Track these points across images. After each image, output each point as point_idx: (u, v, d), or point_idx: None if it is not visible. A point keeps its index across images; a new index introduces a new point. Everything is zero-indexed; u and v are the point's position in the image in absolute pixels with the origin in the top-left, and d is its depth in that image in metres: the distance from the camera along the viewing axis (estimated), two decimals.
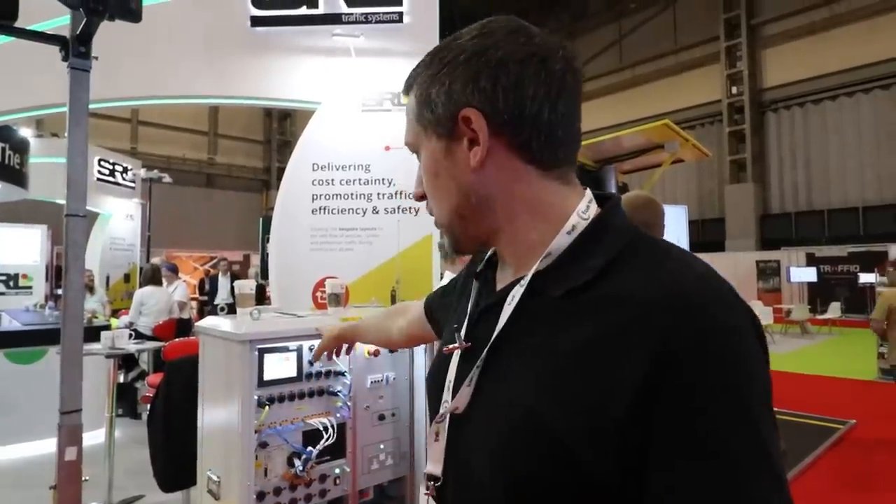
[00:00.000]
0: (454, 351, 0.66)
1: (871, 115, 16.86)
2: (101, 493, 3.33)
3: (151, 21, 2.51)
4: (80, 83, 2.10)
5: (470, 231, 0.65)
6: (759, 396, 0.47)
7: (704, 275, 0.52)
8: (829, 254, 16.37)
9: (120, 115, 19.46)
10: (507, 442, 0.54)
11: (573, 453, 0.49)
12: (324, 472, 1.97)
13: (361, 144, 3.67)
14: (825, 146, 17.70)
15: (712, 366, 0.46)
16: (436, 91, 0.61)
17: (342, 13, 3.70)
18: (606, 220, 0.59)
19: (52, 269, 10.17)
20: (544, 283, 0.58)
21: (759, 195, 18.76)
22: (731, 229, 18.95)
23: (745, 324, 0.50)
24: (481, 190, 0.61)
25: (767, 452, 0.45)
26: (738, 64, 18.90)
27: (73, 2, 1.99)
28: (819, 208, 17.91)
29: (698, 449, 0.45)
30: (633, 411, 0.46)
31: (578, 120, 0.62)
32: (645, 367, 0.47)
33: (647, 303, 0.50)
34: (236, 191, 22.84)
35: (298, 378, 1.96)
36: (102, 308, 7.46)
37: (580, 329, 0.52)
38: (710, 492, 0.44)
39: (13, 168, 7.35)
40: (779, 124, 18.80)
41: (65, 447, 1.96)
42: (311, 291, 3.53)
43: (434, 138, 0.63)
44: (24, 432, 4.28)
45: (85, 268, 6.06)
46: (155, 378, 4.15)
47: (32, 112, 3.77)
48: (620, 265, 0.54)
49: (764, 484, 0.45)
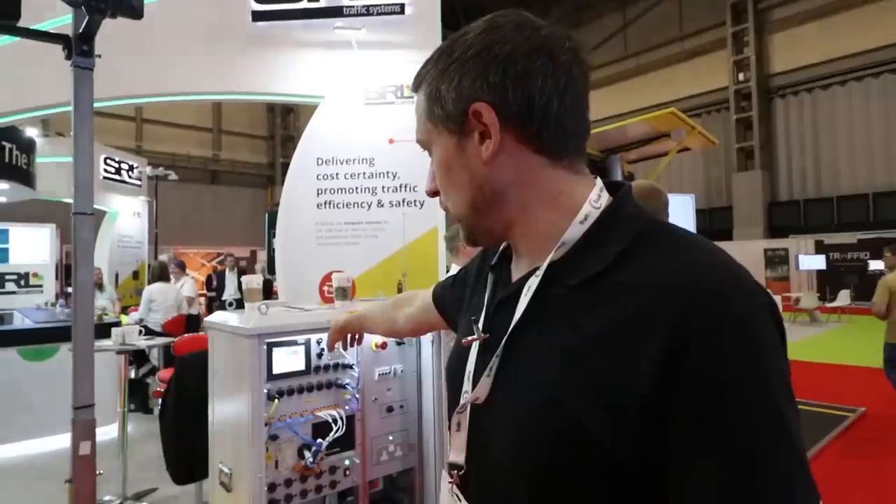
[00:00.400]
0: (473, 342, 0.67)
1: (881, 100, 16.62)
2: (116, 487, 3.37)
3: (153, 18, 2.52)
4: (83, 81, 2.10)
5: (486, 223, 0.65)
6: (776, 380, 0.47)
7: (718, 260, 0.52)
8: (838, 241, 16.23)
9: (124, 114, 19.54)
10: (528, 428, 0.55)
11: (593, 437, 0.49)
12: (333, 464, 1.99)
13: (365, 138, 3.67)
14: (834, 132, 17.50)
15: (727, 352, 0.46)
16: (445, 87, 0.61)
17: (343, 6, 3.69)
18: (618, 209, 0.60)
19: (62, 268, 10.26)
20: (559, 272, 0.58)
21: (766, 183, 18.59)
22: (739, 217, 18.81)
23: (761, 310, 0.49)
24: (494, 182, 0.61)
25: (788, 433, 0.46)
26: (745, 50, 18.66)
27: (74, 0, 2.00)
28: (828, 195, 17.72)
29: (717, 433, 0.46)
30: (651, 396, 0.47)
31: (587, 110, 0.63)
32: (661, 354, 0.47)
33: (660, 290, 0.50)
34: (241, 187, 22.89)
35: (307, 371, 1.97)
36: (112, 305, 7.53)
37: (596, 317, 0.53)
38: (730, 473, 0.45)
39: (20, 168, 7.40)
40: (787, 111, 18.59)
41: (79, 442, 1.99)
42: (318, 286, 3.55)
43: (446, 134, 0.63)
44: (39, 428, 4.34)
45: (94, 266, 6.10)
46: (166, 373, 4.19)
47: (38, 112, 3.78)
48: (634, 253, 0.55)
49: (783, 464, 0.45)
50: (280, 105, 21.78)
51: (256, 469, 1.76)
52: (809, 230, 17.44)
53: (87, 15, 2.02)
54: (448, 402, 0.76)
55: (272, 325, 1.83)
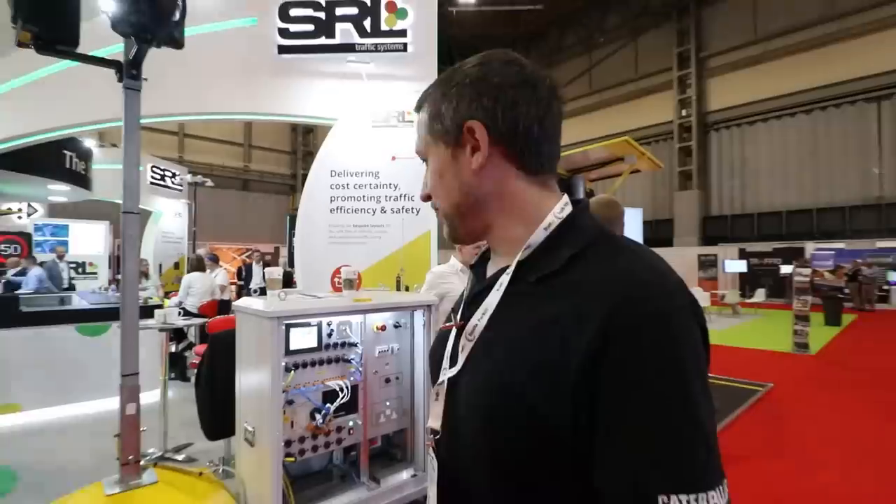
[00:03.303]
0: (451, 329, 0.67)
1: (795, 136, 16.89)
2: (158, 441, 3.34)
3: (195, 50, 2.49)
4: (132, 101, 2.08)
5: (468, 225, 0.65)
6: (690, 368, 0.46)
7: (649, 267, 0.52)
8: (757, 249, 16.44)
9: (169, 129, 19.24)
10: (487, 402, 0.55)
11: (537, 411, 0.49)
12: (340, 425, 1.99)
13: (372, 155, 3.66)
14: (757, 160, 17.73)
15: (644, 344, 0.46)
16: (445, 107, 0.61)
17: (355, 43, 3.68)
18: (574, 220, 0.60)
19: (114, 259, 10.11)
20: (523, 271, 0.58)
21: (701, 200, 18.79)
22: (679, 228, 19.00)
23: (680, 310, 0.49)
24: (479, 190, 0.61)
25: (695, 413, 0.45)
26: (688, 90, 18.85)
27: (125, 31, 1.97)
28: (750, 212, 17.95)
29: (634, 411, 0.45)
30: (583, 378, 0.47)
31: (559, 137, 0.63)
32: (592, 343, 0.47)
33: (598, 290, 0.50)
34: (267, 193, 22.66)
35: (319, 348, 1.97)
36: (156, 291, 7.43)
37: (546, 309, 0.53)
38: (639, 441, 0.44)
39: (79, 173, 7.29)
40: (720, 142, 18.79)
41: (125, 403, 1.98)
42: (330, 277, 3.54)
43: (442, 146, 0.63)
44: (93, 392, 4.28)
45: (140, 257, 6.03)
46: (201, 348, 4.15)
47: (93, 126, 3.73)
48: (583, 257, 0.54)
49: (693, 439, 0.44)
50: (301, 125, 21.59)
51: (275, 428, 1.76)
52: (735, 240, 17.65)
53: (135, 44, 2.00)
54: (431, 377, 0.76)
55: (290, 309, 1.83)
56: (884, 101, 15.16)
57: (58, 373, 4.20)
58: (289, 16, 3.71)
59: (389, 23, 3.67)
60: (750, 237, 17.52)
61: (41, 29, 1.82)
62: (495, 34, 20.49)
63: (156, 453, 3.27)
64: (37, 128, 3.63)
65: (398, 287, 3.27)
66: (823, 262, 14.64)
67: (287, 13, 3.71)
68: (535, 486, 0.51)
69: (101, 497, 1.79)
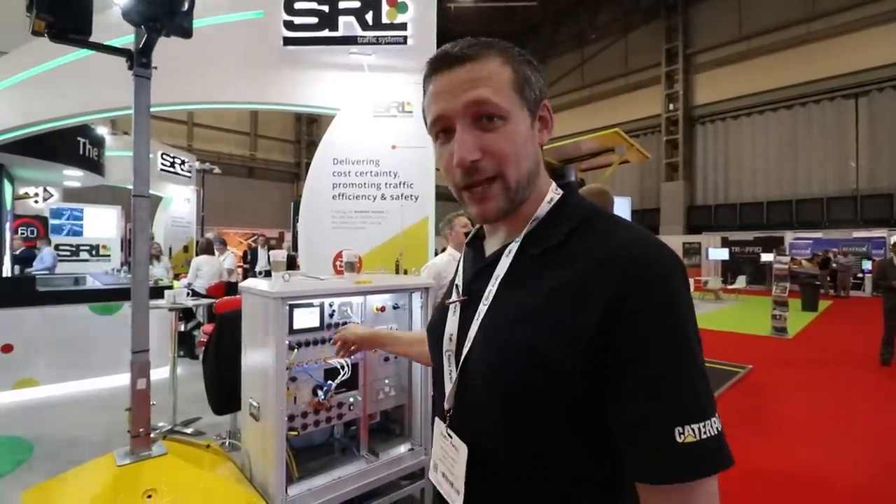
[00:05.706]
0: (454, 304, 0.66)
1: (776, 130, 16.80)
2: (167, 415, 3.36)
3: (203, 40, 2.43)
4: (142, 88, 2.03)
5: (522, 195, 0.61)
6: (688, 321, 0.51)
7: (643, 236, 0.54)
8: (739, 238, 16.51)
9: (178, 118, 18.95)
10: (502, 362, 0.55)
11: (556, 364, 0.51)
12: (340, 401, 2.00)
13: (373, 144, 3.61)
14: (740, 153, 17.65)
15: (652, 299, 0.49)
16: (535, 77, 0.61)
17: (357, 35, 3.60)
18: (568, 198, 0.63)
19: (126, 242, 10.04)
20: (527, 243, 0.60)
21: (687, 191, 18.74)
22: (665, 217, 18.98)
23: (674, 270, 0.52)
24: (538, 163, 0.63)
25: (693, 358, 0.49)
26: (675, 86, 18.65)
27: (136, 20, 1.92)
28: (733, 202, 17.93)
29: (647, 357, 0.48)
30: (599, 332, 0.50)
31: None
32: (606, 303, 0.50)
33: (607, 257, 0.52)
34: (272, 181, 22.44)
35: (321, 328, 1.96)
36: (166, 272, 7.40)
37: (555, 276, 0.55)
38: (653, 384, 0.48)
39: (92, 159, 7.19)
40: (705, 135, 18.67)
41: (136, 378, 1.97)
42: (332, 260, 3.52)
43: (527, 112, 0.60)
44: (106, 368, 4.29)
45: (151, 240, 5.99)
46: (208, 327, 4.14)
47: (105, 114, 3.65)
48: (581, 231, 0.57)
49: (694, 377, 0.49)
50: (305, 115, 21.31)
51: (279, 403, 1.76)
52: (718, 229, 17.68)
53: (145, 33, 1.95)
54: (430, 354, 0.75)
55: (293, 290, 1.81)
56: (861, 97, 15.06)
57: (72, 350, 4.19)
58: (294, 9, 3.62)
59: (390, 16, 3.60)
60: (732, 226, 17.54)
61: (55, 17, 1.76)
62: (491, 29, 20.14)
63: (165, 427, 3.28)
64: (52, 115, 3.55)
65: (397, 270, 3.26)
66: (802, 251, 14.71)
67: (292, 6, 3.62)
68: (556, 441, 0.53)
69: (113, 467, 1.80)
